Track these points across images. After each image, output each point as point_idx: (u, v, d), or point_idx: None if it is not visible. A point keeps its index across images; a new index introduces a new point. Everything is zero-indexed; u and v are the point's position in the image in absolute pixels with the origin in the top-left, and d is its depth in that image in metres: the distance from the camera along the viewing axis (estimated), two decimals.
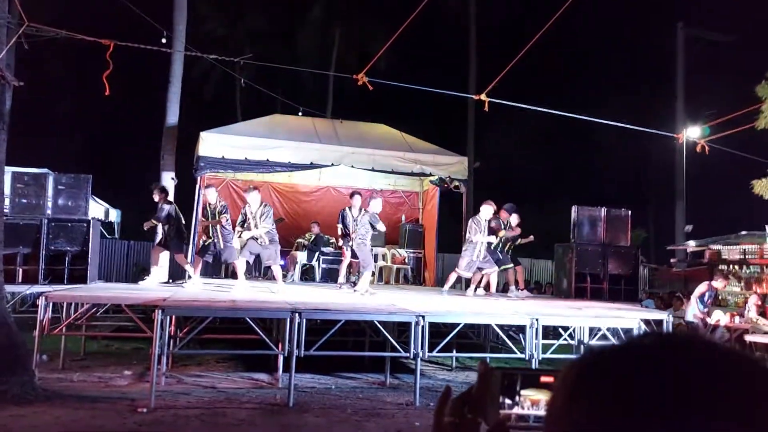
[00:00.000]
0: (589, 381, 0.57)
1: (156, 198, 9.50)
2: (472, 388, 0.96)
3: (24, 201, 8.95)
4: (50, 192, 9.03)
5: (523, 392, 0.97)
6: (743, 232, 15.21)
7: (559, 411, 0.59)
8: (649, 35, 26.57)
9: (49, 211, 8.98)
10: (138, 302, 6.85)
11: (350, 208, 9.93)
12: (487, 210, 9.50)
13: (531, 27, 9.65)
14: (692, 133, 16.90)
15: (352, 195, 10.16)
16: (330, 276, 12.42)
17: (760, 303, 10.16)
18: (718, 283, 10.40)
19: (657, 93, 26.30)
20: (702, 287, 10.29)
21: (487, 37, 24.17)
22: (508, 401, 0.95)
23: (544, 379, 0.97)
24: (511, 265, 10.31)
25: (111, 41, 7.97)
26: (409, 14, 8.92)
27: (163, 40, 10.73)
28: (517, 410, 0.96)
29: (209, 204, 9.34)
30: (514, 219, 10.25)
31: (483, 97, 8.99)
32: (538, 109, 11.26)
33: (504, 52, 11.99)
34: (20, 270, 8.67)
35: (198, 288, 8.73)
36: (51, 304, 6.79)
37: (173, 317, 7.24)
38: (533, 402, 0.97)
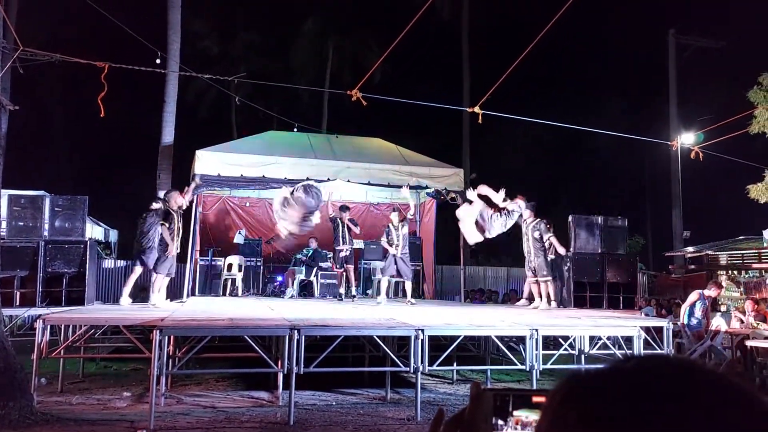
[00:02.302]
0: (571, 405, 0.59)
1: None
2: (465, 410, 0.96)
3: (21, 224, 8.94)
4: (47, 214, 9.03)
5: (515, 413, 0.97)
6: (741, 237, 15.25)
7: None
8: (641, 43, 26.75)
9: (46, 233, 8.97)
10: (136, 323, 6.82)
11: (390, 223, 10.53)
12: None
13: (523, 38, 9.72)
14: (686, 139, 16.99)
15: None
16: (329, 291, 12.40)
17: (754, 307, 10.17)
18: (711, 292, 10.40)
19: (651, 100, 26.48)
20: (693, 296, 10.31)
21: (480, 50, 24.32)
22: (500, 422, 0.96)
23: (536, 399, 0.97)
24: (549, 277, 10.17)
25: (105, 63, 8.01)
26: (402, 27, 8.97)
27: (158, 61, 10.78)
28: (509, 431, 0.96)
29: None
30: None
31: (477, 109, 9.02)
32: (532, 120, 11.31)
33: (497, 64, 12.07)
34: (18, 293, 8.64)
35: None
36: (49, 327, 6.76)
37: (171, 337, 7.22)
38: (526, 423, 0.97)
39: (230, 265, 12.91)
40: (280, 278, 13.42)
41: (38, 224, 8.96)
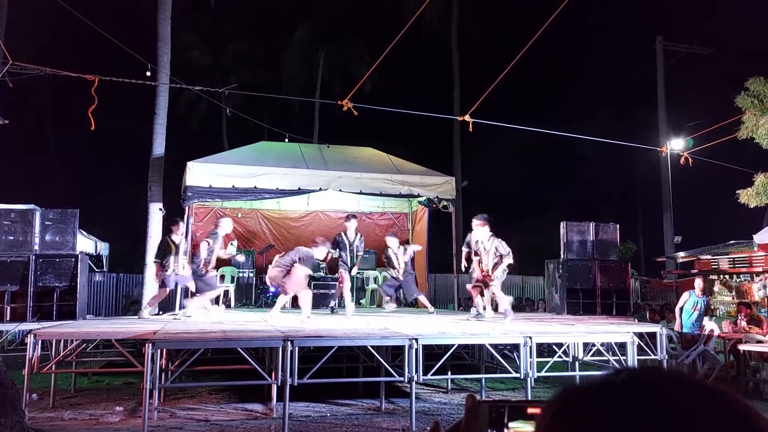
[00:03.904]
0: (564, 421, 0.60)
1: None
2: (460, 423, 0.96)
3: (11, 238, 8.87)
4: (37, 228, 8.95)
5: (511, 424, 0.96)
6: (731, 242, 15.33)
7: None
8: (630, 51, 27.00)
9: (36, 247, 8.89)
10: (128, 336, 6.77)
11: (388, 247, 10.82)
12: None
13: (513, 47, 9.78)
14: (675, 145, 17.11)
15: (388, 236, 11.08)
16: (321, 302, 12.35)
17: (746, 311, 10.23)
18: (698, 285, 10.54)
19: (641, 107, 26.68)
20: (683, 297, 10.51)
21: (470, 58, 24.46)
22: None
23: (531, 410, 0.97)
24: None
25: (95, 76, 7.99)
26: (392, 37, 9.00)
27: (148, 73, 10.77)
28: None
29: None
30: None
31: (467, 117, 9.06)
32: (522, 127, 11.36)
33: (487, 72, 12.13)
34: (8, 308, 8.56)
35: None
36: (40, 342, 6.70)
37: (164, 350, 7.18)
38: None
39: (222, 277, 12.86)
40: (272, 289, 13.35)
41: (28, 238, 8.89)
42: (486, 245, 8.85)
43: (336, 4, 25.04)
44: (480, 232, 8.90)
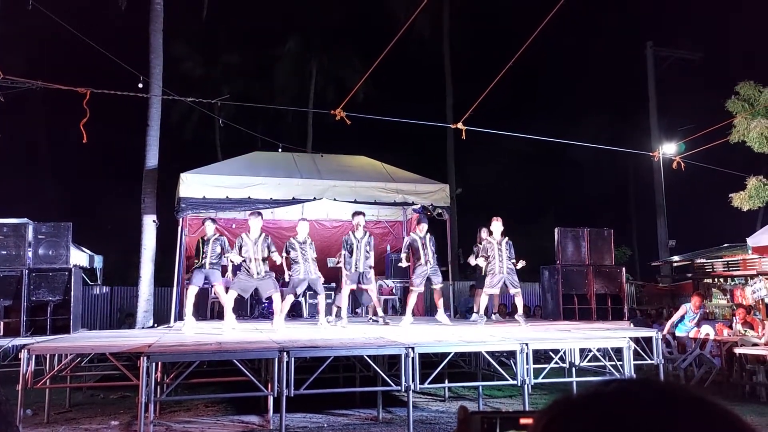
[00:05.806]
0: (555, 430, 0.61)
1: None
2: None
3: (4, 252, 8.83)
4: (30, 242, 8.91)
5: None
6: (725, 245, 15.38)
7: None
8: (621, 56, 27.13)
9: (29, 262, 8.85)
10: (122, 350, 6.73)
11: (416, 232, 10.32)
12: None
13: (505, 54, 9.83)
14: (668, 149, 17.18)
15: (419, 222, 10.56)
16: (318, 311, 12.29)
17: (743, 314, 10.26)
18: (693, 302, 10.67)
19: (633, 112, 26.81)
20: (681, 310, 10.63)
21: (461, 66, 24.56)
22: None
23: (523, 421, 0.96)
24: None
25: (87, 89, 7.98)
26: (384, 45, 9.02)
27: (140, 85, 10.77)
28: None
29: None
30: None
31: (460, 125, 9.08)
32: (515, 134, 11.39)
33: (479, 79, 12.17)
34: (1, 323, 8.51)
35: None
36: (34, 357, 6.65)
37: (159, 363, 7.13)
38: None
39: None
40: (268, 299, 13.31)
41: (21, 252, 8.84)
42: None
43: (327, 14, 25.11)
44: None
